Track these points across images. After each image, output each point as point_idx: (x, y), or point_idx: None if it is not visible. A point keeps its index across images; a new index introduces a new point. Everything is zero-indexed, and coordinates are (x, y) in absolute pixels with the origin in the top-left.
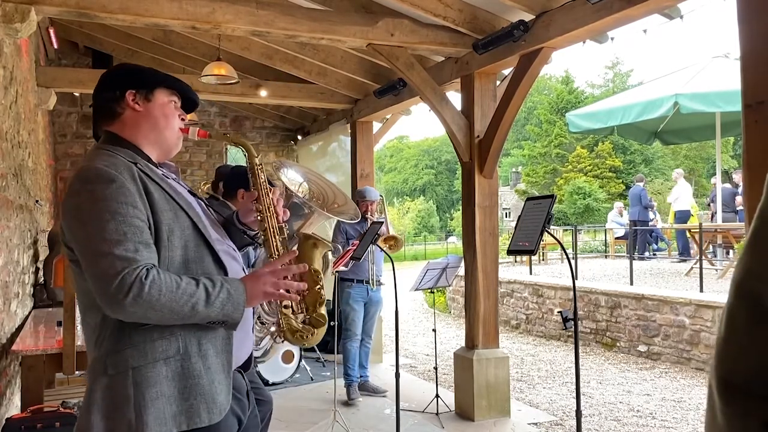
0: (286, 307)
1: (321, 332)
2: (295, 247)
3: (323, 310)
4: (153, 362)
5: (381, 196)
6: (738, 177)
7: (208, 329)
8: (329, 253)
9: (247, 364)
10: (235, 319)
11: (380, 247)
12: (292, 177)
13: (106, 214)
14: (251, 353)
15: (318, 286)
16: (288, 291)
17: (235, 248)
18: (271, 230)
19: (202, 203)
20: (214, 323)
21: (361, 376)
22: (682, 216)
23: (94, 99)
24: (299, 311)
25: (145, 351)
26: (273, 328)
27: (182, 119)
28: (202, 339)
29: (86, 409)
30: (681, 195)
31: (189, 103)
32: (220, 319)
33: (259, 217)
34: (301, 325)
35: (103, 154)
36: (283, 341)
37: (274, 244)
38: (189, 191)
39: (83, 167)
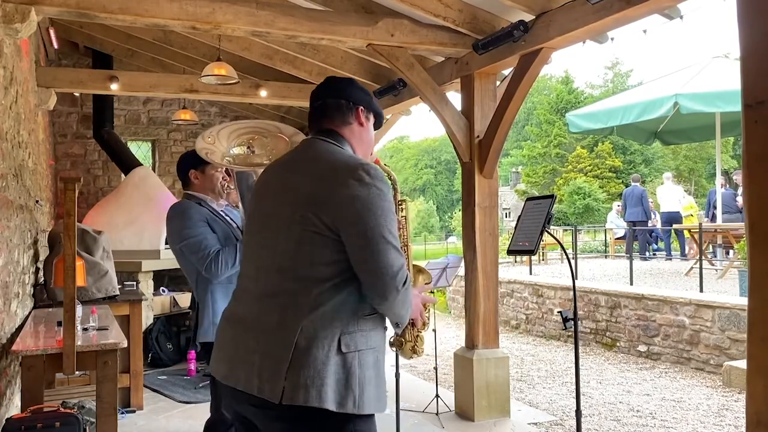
0: (413, 325)
1: (423, 351)
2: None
3: (423, 333)
4: (368, 349)
5: None
6: (738, 178)
7: (387, 329)
8: None
9: None
10: (405, 323)
11: None
12: (221, 149)
13: (391, 214)
14: None
15: (427, 313)
16: (420, 314)
17: None
18: (409, 258)
19: None
20: (396, 322)
21: None
22: (668, 217)
23: (325, 98)
24: (417, 330)
25: (367, 338)
26: (392, 339)
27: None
28: (386, 338)
29: (320, 377)
30: (666, 197)
31: (377, 125)
32: (402, 322)
33: (403, 245)
34: (415, 341)
35: (351, 155)
36: (398, 349)
37: (412, 271)
38: None
39: (356, 162)
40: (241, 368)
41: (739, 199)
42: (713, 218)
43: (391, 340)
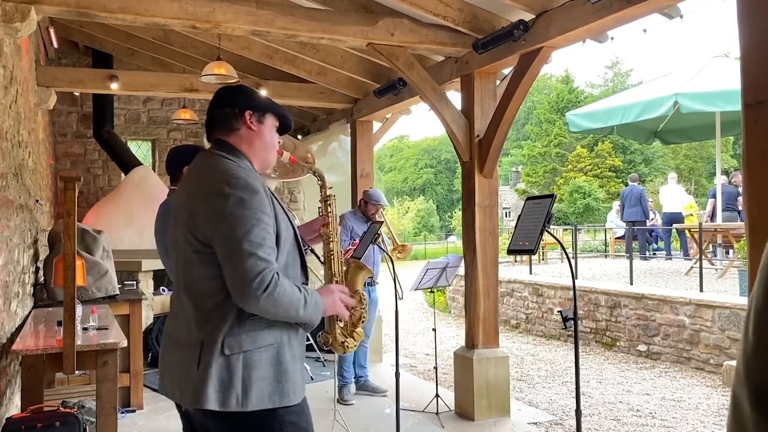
0: (338, 320)
1: (355, 346)
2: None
3: (360, 329)
4: (259, 348)
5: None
6: (737, 179)
7: (294, 325)
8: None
9: None
10: (315, 324)
11: (381, 247)
12: None
13: (253, 220)
14: None
15: (362, 307)
16: (347, 310)
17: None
18: (336, 255)
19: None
20: (300, 324)
21: (360, 376)
22: (670, 217)
23: (212, 109)
24: (346, 326)
25: (255, 338)
26: (321, 335)
27: (279, 142)
28: (290, 332)
29: (201, 381)
30: (669, 197)
31: (284, 128)
32: (307, 321)
33: (326, 240)
34: (345, 338)
35: (230, 163)
36: (327, 347)
37: (336, 267)
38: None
39: (225, 173)
40: (168, 380)
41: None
42: (713, 214)
43: (320, 336)
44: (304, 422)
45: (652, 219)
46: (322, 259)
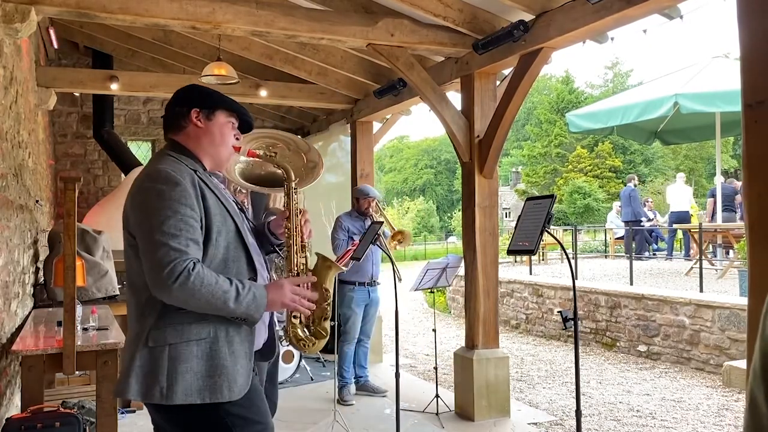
0: (295, 317)
1: (321, 343)
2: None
3: (326, 325)
4: (187, 342)
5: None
6: (736, 185)
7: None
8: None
9: (269, 353)
10: (255, 319)
11: (381, 247)
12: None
13: (168, 211)
14: (274, 343)
15: (326, 303)
16: (301, 305)
17: (265, 258)
18: (295, 248)
19: (243, 212)
20: (237, 319)
21: (360, 377)
22: (677, 217)
23: (165, 110)
24: (306, 323)
25: (182, 331)
26: (281, 333)
27: (237, 138)
28: (229, 328)
29: (125, 373)
30: (676, 196)
31: (245, 125)
32: (243, 316)
33: (286, 234)
34: (305, 335)
35: (169, 159)
36: (288, 345)
37: (295, 260)
38: (233, 200)
39: (153, 168)
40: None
41: (738, 197)
42: (713, 214)
43: (281, 332)
44: (253, 414)
45: (653, 219)
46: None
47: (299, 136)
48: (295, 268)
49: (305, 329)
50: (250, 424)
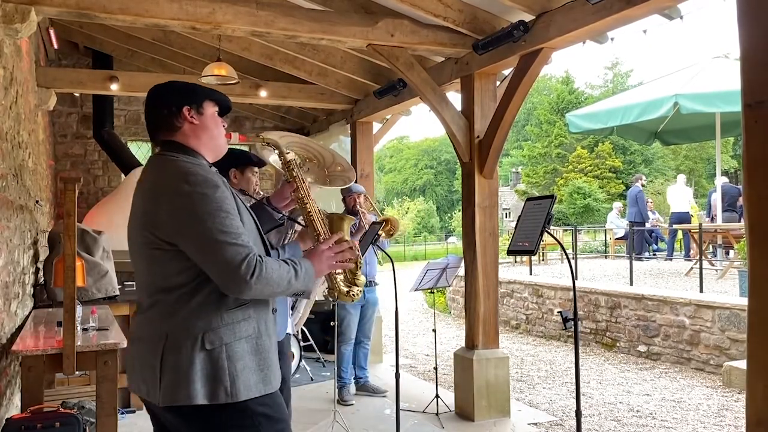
0: (338, 274)
1: (360, 292)
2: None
3: (360, 274)
4: (239, 339)
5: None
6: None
7: (268, 313)
8: None
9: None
10: (311, 289)
11: (380, 248)
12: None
13: (221, 212)
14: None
15: (356, 252)
16: (343, 261)
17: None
18: (315, 213)
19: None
20: (297, 294)
21: (360, 377)
22: (678, 217)
23: (148, 113)
24: (345, 276)
25: (233, 330)
26: (325, 291)
27: (224, 126)
28: (267, 321)
29: (186, 379)
30: (676, 197)
31: (224, 109)
32: (302, 290)
33: (301, 204)
34: (348, 287)
35: (186, 161)
36: (335, 300)
37: (319, 224)
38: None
39: (181, 172)
40: (133, 376)
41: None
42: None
43: (325, 293)
44: (276, 411)
45: (653, 219)
46: (304, 222)
47: (330, 149)
48: (324, 231)
49: (347, 283)
50: (273, 422)
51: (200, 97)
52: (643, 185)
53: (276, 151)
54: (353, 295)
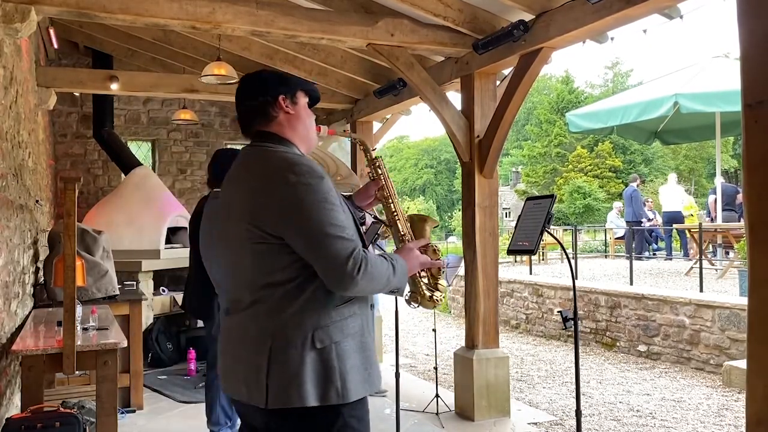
0: (422, 277)
1: (442, 298)
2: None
3: (442, 280)
4: (346, 337)
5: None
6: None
7: (368, 309)
8: None
9: None
10: (404, 286)
11: (380, 247)
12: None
13: (327, 204)
14: None
15: (438, 259)
16: (432, 263)
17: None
18: (400, 214)
19: None
20: (392, 291)
21: None
22: (669, 217)
23: (241, 103)
24: (429, 281)
25: (342, 327)
26: (407, 296)
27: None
28: (368, 318)
29: (297, 377)
30: (668, 196)
31: (314, 100)
32: (397, 287)
33: (386, 203)
34: (431, 292)
35: (287, 152)
36: (418, 306)
37: (403, 224)
38: None
39: (286, 162)
40: (232, 378)
41: (739, 197)
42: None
43: (407, 297)
44: (363, 427)
45: (653, 219)
46: (387, 222)
47: (345, 165)
48: (407, 233)
49: (429, 287)
50: (364, 424)
51: (293, 86)
52: (637, 185)
53: (362, 148)
54: (436, 299)
